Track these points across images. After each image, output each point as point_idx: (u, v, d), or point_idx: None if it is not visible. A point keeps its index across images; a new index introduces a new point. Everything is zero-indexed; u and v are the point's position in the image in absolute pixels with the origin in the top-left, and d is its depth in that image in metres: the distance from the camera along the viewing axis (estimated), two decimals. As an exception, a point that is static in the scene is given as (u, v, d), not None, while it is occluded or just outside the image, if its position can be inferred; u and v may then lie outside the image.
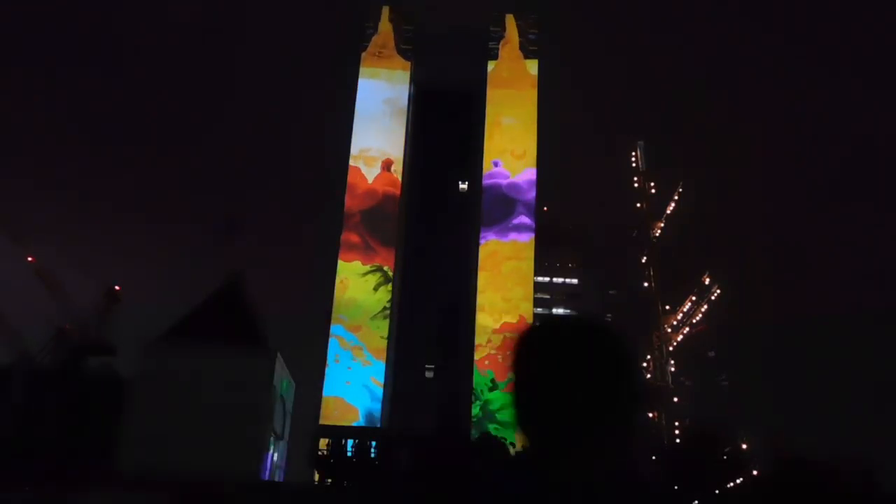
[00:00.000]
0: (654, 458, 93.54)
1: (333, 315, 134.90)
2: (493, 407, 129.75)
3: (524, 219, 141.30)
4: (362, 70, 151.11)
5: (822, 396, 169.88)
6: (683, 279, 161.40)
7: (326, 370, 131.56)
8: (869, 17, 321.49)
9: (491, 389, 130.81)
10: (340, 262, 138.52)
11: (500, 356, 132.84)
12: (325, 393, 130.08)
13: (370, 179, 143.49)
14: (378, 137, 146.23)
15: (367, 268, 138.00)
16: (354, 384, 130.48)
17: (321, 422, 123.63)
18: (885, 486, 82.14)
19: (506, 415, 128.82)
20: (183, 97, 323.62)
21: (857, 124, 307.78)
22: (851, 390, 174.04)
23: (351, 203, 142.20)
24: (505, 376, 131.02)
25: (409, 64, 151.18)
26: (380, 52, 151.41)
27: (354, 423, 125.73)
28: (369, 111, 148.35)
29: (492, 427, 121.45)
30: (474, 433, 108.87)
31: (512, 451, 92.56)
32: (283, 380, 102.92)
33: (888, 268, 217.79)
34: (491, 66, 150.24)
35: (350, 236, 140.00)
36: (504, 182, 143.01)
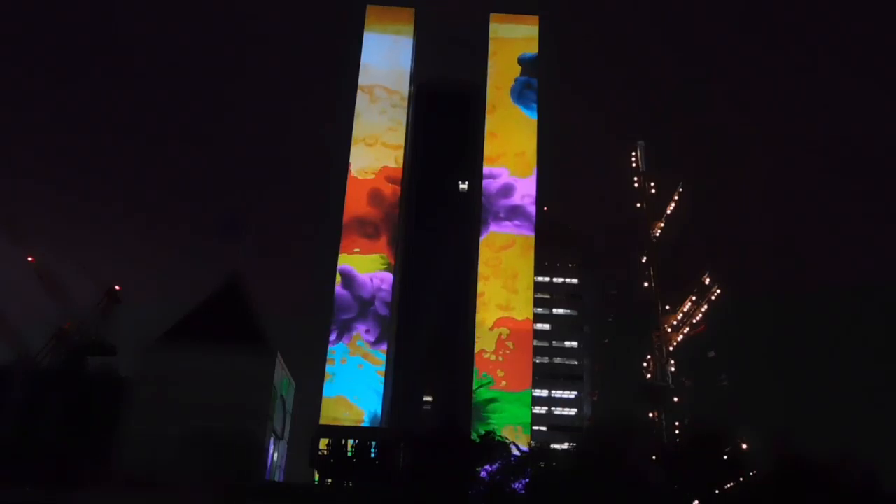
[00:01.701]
0: (654, 458, 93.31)
1: (337, 314, 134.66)
2: (475, 402, 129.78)
3: (524, 217, 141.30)
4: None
5: (822, 396, 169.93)
6: (683, 279, 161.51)
7: (331, 368, 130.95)
8: (869, 15, 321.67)
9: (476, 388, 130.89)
10: (348, 260, 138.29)
11: (491, 355, 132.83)
12: (331, 393, 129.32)
13: (373, 174, 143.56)
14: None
15: (381, 266, 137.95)
16: (362, 384, 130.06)
17: (328, 422, 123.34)
18: (886, 486, 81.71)
19: (489, 412, 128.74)
20: (183, 97, 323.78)
21: (856, 123, 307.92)
22: (852, 390, 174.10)
23: (352, 202, 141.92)
24: (495, 375, 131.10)
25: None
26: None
27: (363, 424, 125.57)
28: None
29: (479, 425, 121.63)
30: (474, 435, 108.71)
31: (515, 450, 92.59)
32: (283, 380, 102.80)
33: (888, 267, 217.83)
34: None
35: (354, 235, 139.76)
36: (504, 181, 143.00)
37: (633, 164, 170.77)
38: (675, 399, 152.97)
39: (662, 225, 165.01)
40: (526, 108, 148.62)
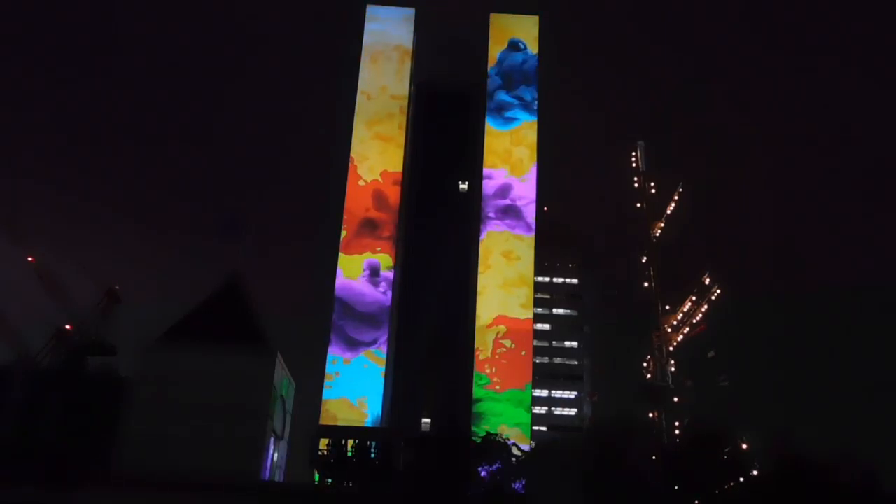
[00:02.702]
0: (654, 458, 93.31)
1: (337, 315, 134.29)
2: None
3: (523, 217, 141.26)
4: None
5: (822, 396, 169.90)
6: (683, 279, 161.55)
7: (334, 368, 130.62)
8: (869, 15, 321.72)
9: None
10: (349, 259, 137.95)
11: (487, 353, 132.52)
12: (335, 394, 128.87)
13: (371, 177, 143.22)
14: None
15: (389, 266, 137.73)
16: (367, 385, 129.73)
17: (332, 421, 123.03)
18: (885, 486, 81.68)
19: (484, 412, 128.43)
20: (183, 97, 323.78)
21: (856, 123, 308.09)
22: (852, 390, 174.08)
23: (352, 202, 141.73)
24: (492, 374, 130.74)
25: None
26: None
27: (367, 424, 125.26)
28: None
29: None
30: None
31: (517, 451, 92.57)
32: (283, 380, 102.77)
33: (888, 267, 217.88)
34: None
35: (356, 235, 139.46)
36: (503, 182, 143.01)
37: (633, 164, 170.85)
38: (675, 399, 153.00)
39: (662, 225, 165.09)
40: (520, 112, 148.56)
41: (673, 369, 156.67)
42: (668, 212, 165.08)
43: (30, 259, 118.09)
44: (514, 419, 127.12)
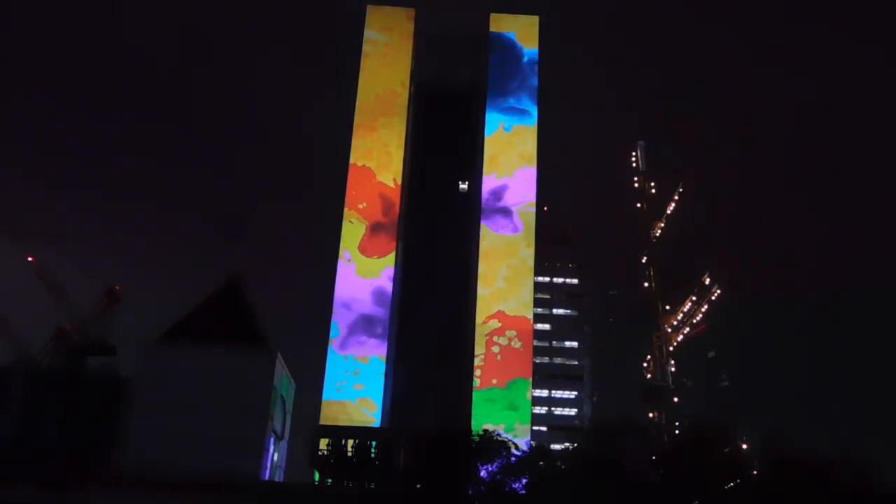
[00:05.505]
0: (653, 458, 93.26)
1: (338, 314, 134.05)
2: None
3: (523, 217, 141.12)
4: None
5: (822, 395, 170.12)
6: (683, 279, 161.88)
7: (339, 367, 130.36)
8: (869, 15, 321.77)
9: None
10: (361, 259, 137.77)
11: (483, 349, 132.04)
12: (335, 395, 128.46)
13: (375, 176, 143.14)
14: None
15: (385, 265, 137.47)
16: (367, 385, 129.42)
17: (331, 422, 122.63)
18: (884, 485, 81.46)
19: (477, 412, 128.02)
20: (184, 97, 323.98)
21: (856, 123, 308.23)
22: (852, 390, 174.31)
23: (354, 199, 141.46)
24: (486, 373, 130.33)
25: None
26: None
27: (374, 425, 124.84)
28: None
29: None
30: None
31: (515, 449, 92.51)
32: (283, 380, 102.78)
33: (888, 267, 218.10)
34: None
35: (362, 235, 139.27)
36: (503, 181, 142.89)
37: (633, 164, 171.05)
38: (675, 399, 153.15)
39: (662, 225, 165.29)
40: (520, 112, 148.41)
41: (673, 369, 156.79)
42: (668, 212, 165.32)
43: (30, 259, 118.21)
44: (499, 418, 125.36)
